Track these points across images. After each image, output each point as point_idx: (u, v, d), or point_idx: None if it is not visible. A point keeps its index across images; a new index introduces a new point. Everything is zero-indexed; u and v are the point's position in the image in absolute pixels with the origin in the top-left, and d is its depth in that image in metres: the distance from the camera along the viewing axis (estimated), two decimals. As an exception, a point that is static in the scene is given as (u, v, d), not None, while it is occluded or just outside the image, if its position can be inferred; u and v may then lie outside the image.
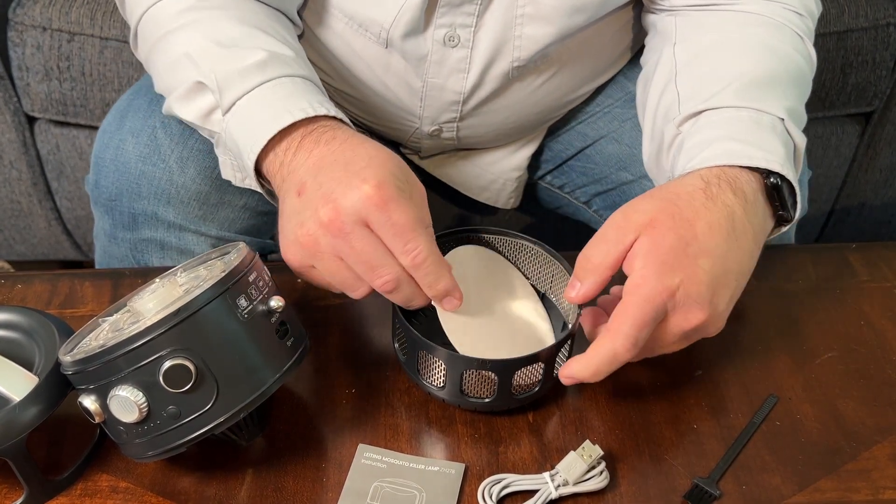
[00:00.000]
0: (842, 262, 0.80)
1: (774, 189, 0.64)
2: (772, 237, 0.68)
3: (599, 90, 0.94)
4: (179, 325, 0.54)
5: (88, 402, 0.56)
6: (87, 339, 0.61)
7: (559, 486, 0.60)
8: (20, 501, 0.60)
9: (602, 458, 0.61)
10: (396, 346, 0.68)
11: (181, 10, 0.71)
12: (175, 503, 0.60)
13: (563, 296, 0.64)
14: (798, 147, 0.68)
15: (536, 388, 0.65)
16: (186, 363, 0.54)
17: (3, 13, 1.25)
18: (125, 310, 0.63)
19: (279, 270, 0.67)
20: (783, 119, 0.67)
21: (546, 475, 0.60)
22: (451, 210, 1.07)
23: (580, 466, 0.60)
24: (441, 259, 0.62)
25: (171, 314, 0.54)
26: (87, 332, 0.62)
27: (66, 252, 1.53)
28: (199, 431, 0.56)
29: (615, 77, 0.94)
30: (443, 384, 0.64)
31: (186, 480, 0.62)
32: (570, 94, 0.90)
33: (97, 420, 0.57)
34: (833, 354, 0.71)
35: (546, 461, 0.63)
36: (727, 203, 0.62)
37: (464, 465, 0.62)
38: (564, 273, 0.69)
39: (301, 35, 0.83)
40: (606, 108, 0.94)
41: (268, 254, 0.92)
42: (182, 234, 0.82)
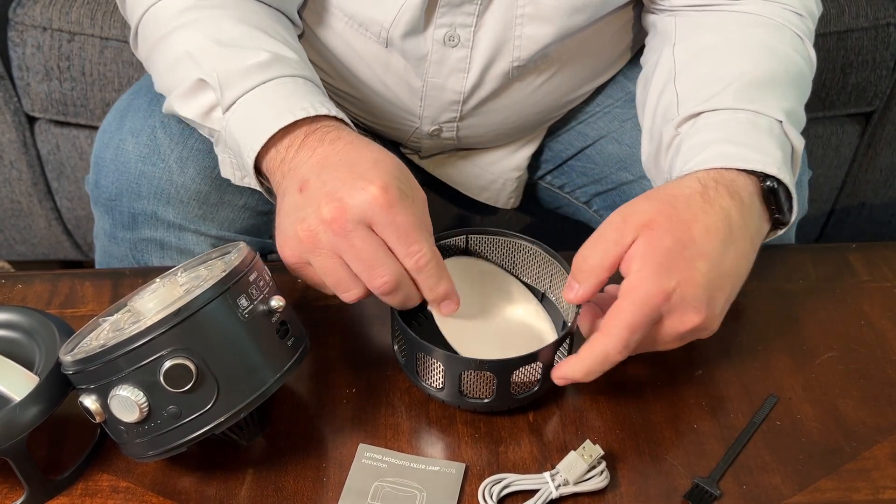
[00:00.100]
0: (842, 262, 0.80)
1: (771, 192, 0.64)
2: (769, 239, 0.68)
3: (599, 90, 0.94)
4: (180, 325, 0.54)
5: (89, 402, 0.56)
6: (88, 339, 0.61)
7: (559, 486, 0.60)
8: (21, 501, 0.60)
9: (602, 458, 0.61)
10: (396, 349, 0.68)
11: (182, 10, 0.71)
12: (176, 503, 0.60)
13: (562, 296, 0.64)
14: (796, 149, 0.68)
15: (536, 388, 0.65)
16: (187, 363, 0.54)
17: (4, 13, 1.25)
18: (125, 309, 0.63)
19: (279, 270, 0.67)
20: (781, 121, 0.67)
21: (546, 475, 0.60)
22: (451, 210, 1.07)
23: (580, 466, 0.60)
24: (442, 263, 0.62)
25: (172, 314, 0.54)
26: (88, 332, 0.62)
27: (67, 252, 1.53)
28: (200, 431, 0.56)
29: (615, 77, 0.94)
30: (442, 385, 0.64)
31: (187, 480, 0.62)
32: (571, 94, 0.90)
33: (98, 420, 0.57)
34: (833, 354, 0.71)
35: (546, 461, 0.63)
36: (724, 206, 0.62)
37: (464, 465, 0.62)
38: (563, 273, 0.69)
39: (301, 35, 0.83)
40: (606, 108, 0.94)
41: (268, 253, 0.92)
42: (182, 234, 0.82)
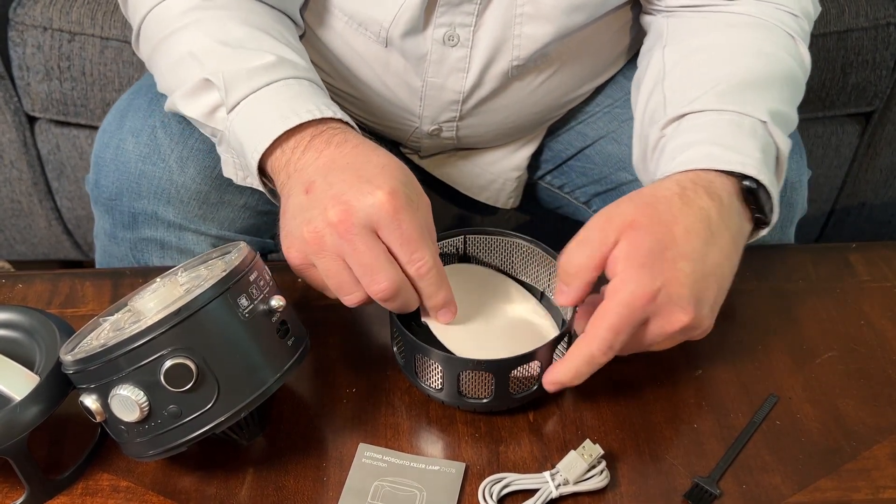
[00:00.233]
0: (842, 262, 0.80)
1: (750, 193, 0.65)
2: (753, 240, 0.68)
3: (599, 90, 0.94)
4: (180, 325, 0.54)
5: (89, 402, 0.56)
6: (88, 339, 0.61)
7: (559, 486, 0.60)
8: (21, 501, 0.60)
9: (602, 458, 0.61)
10: (395, 350, 0.68)
11: (185, 10, 0.71)
12: (176, 502, 0.61)
13: (553, 300, 0.65)
14: (781, 150, 0.68)
15: (534, 387, 0.65)
16: (187, 362, 0.54)
17: (4, 13, 1.25)
18: (126, 309, 0.63)
19: (280, 270, 0.67)
20: (765, 122, 0.67)
21: (546, 474, 0.60)
22: (451, 210, 1.07)
23: (580, 466, 0.60)
24: (443, 271, 0.63)
25: (172, 314, 0.55)
26: (88, 332, 0.62)
27: (67, 252, 1.53)
28: (200, 431, 0.56)
29: (615, 77, 0.94)
30: (441, 386, 0.64)
31: (187, 480, 0.62)
32: (570, 94, 0.90)
33: (98, 419, 0.57)
34: (833, 354, 0.71)
35: (546, 460, 0.63)
36: (703, 207, 0.62)
37: (464, 465, 0.62)
38: None
39: (301, 35, 0.83)
40: (606, 108, 0.94)
41: (268, 253, 0.92)
42: (182, 234, 0.82)
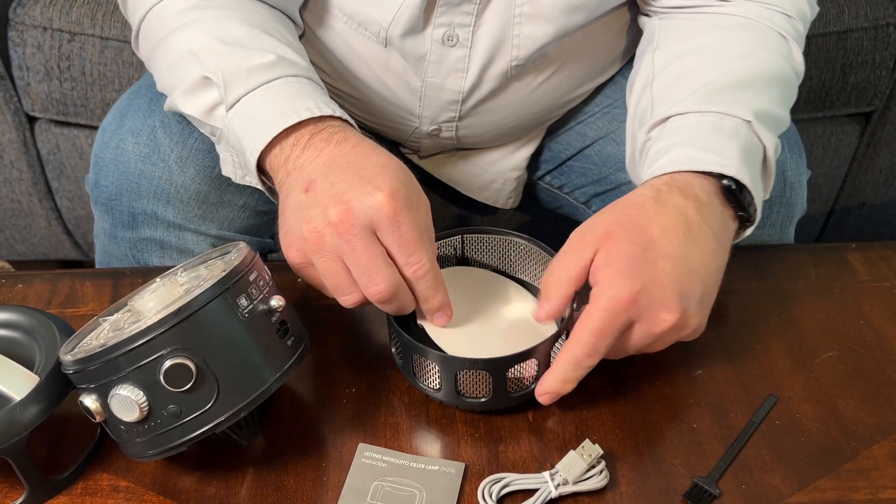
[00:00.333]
0: (842, 262, 0.80)
1: (729, 191, 0.65)
2: (739, 240, 0.68)
3: (598, 90, 0.94)
4: (180, 325, 0.54)
5: (89, 402, 0.56)
6: (88, 339, 0.61)
7: (559, 486, 0.60)
8: (21, 501, 0.60)
9: (602, 458, 0.61)
10: (393, 351, 0.68)
11: (184, 9, 0.71)
12: (176, 502, 0.61)
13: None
14: (767, 149, 0.68)
15: (532, 386, 0.65)
16: (187, 362, 0.54)
17: (4, 13, 1.25)
18: (126, 309, 0.63)
19: (279, 270, 0.67)
20: (750, 122, 0.67)
21: (546, 474, 0.60)
22: (451, 210, 1.07)
23: (580, 466, 0.60)
24: (440, 275, 0.63)
25: (172, 313, 0.55)
26: (88, 332, 0.62)
27: (67, 252, 1.53)
28: (200, 430, 0.56)
29: (614, 77, 0.94)
30: (439, 386, 0.65)
31: (187, 479, 0.62)
32: (569, 94, 0.90)
33: (98, 419, 0.57)
34: (833, 354, 0.71)
35: (546, 460, 0.63)
36: (678, 206, 0.63)
37: (464, 465, 0.63)
38: None
39: (301, 35, 0.83)
40: (606, 109, 0.94)
41: (267, 253, 0.92)
42: (181, 234, 0.82)
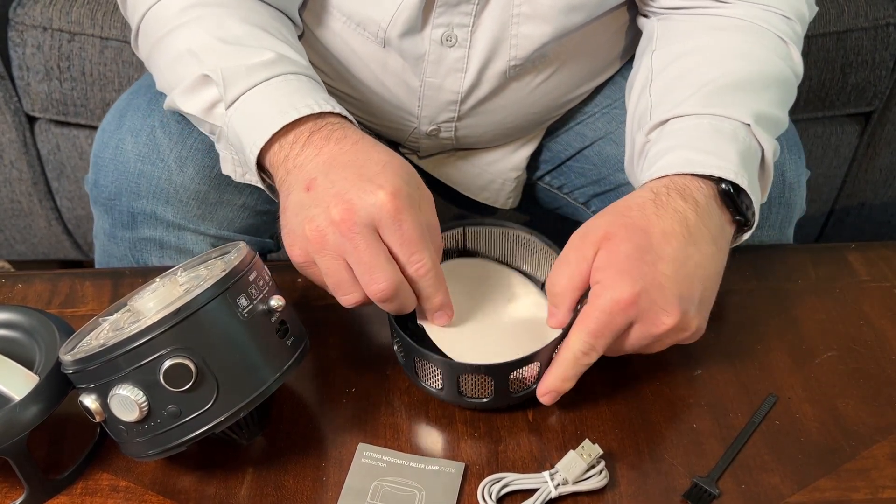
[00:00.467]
0: (842, 262, 0.80)
1: (727, 195, 0.65)
2: (737, 243, 0.68)
3: (598, 91, 0.94)
4: (180, 325, 0.54)
5: (89, 402, 0.56)
6: (88, 339, 0.61)
7: (559, 486, 0.60)
8: (21, 500, 0.60)
9: (601, 458, 0.61)
10: (395, 349, 0.68)
11: (184, 8, 0.71)
12: (175, 502, 0.61)
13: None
14: (766, 152, 0.68)
15: (534, 386, 0.65)
16: (187, 362, 0.54)
17: (4, 13, 1.25)
18: (125, 309, 0.63)
19: (279, 270, 0.67)
20: (749, 125, 0.67)
21: (546, 474, 0.60)
22: (451, 210, 1.07)
23: (580, 465, 0.60)
24: (441, 274, 0.63)
25: (172, 313, 0.55)
26: (88, 332, 0.62)
27: (67, 252, 1.53)
28: (200, 430, 0.56)
29: (613, 78, 0.94)
30: (441, 386, 0.65)
31: (187, 479, 0.62)
32: (568, 95, 0.90)
33: (97, 419, 0.57)
34: (833, 354, 0.71)
35: (546, 460, 0.63)
36: (678, 209, 0.63)
37: (464, 465, 0.62)
38: None
39: (300, 35, 0.83)
40: (605, 109, 0.94)
41: (267, 253, 0.92)
42: (181, 234, 0.82)
